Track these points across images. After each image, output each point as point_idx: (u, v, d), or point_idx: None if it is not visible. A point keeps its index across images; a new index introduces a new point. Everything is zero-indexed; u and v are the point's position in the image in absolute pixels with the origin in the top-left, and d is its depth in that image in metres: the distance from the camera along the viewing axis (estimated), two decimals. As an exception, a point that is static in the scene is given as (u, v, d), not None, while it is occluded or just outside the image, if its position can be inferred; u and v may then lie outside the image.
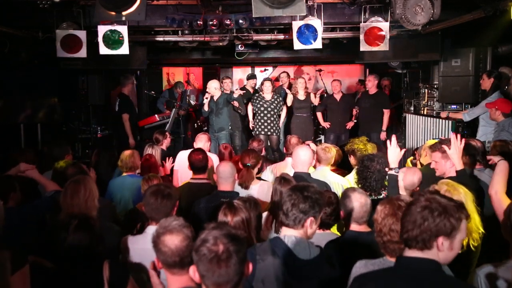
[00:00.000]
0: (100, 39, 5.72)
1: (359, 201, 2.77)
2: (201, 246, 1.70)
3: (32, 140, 7.23)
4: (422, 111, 7.84)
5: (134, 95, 8.37)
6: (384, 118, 7.75)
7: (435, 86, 7.56)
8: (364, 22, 5.89)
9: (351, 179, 4.27)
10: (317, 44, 5.74)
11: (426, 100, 7.85)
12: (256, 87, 9.06)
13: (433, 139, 6.04)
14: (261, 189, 4.14)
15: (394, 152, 3.35)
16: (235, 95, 7.52)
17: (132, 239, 2.88)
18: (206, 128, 8.72)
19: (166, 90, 10.02)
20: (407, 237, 1.83)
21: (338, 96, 8.10)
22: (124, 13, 5.07)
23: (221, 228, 1.74)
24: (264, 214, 3.15)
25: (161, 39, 6.95)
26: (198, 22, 6.15)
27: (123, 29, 5.68)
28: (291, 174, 4.11)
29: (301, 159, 4.05)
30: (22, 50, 6.67)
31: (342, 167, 5.17)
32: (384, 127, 7.73)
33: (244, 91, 8.19)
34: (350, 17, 6.23)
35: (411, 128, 7.81)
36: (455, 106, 7.42)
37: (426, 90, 7.84)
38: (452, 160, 3.37)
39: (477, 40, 6.73)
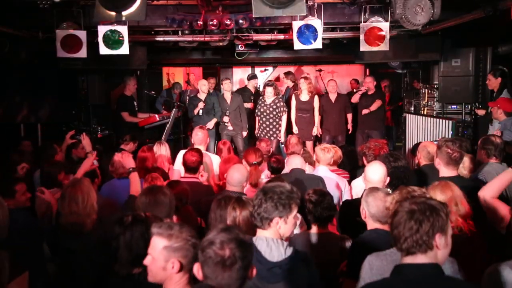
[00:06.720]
0: (100, 39, 5.72)
1: (382, 201, 2.69)
2: (207, 248, 1.70)
3: (32, 141, 7.22)
4: (422, 111, 7.84)
5: (134, 96, 8.36)
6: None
7: (435, 86, 7.56)
8: (364, 22, 5.88)
9: (358, 184, 4.20)
10: (317, 44, 5.74)
11: (426, 100, 7.85)
12: (257, 87, 9.06)
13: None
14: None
15: None
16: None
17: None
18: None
19: (164, 90, 10.03)
20: (407, 245, 1.81)
21: (333, 97, 8.03)
22: (124, 13, 5.06)
23: (230, 232, 1.74)
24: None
25: (161, 39, 6.95)
26: (198, 22, 6.16)
27: (123, 29, 5.68)
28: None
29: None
30: (22, 50, 6.66)
31: (343, 168, 5.15)
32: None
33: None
34: (350, 17, 6.22)
35: (411, 128, 7.80)
36: (455, 106, 7.43)
37: (426, 90, 7.84)
38: None
39: (477, 40, 6.73)
